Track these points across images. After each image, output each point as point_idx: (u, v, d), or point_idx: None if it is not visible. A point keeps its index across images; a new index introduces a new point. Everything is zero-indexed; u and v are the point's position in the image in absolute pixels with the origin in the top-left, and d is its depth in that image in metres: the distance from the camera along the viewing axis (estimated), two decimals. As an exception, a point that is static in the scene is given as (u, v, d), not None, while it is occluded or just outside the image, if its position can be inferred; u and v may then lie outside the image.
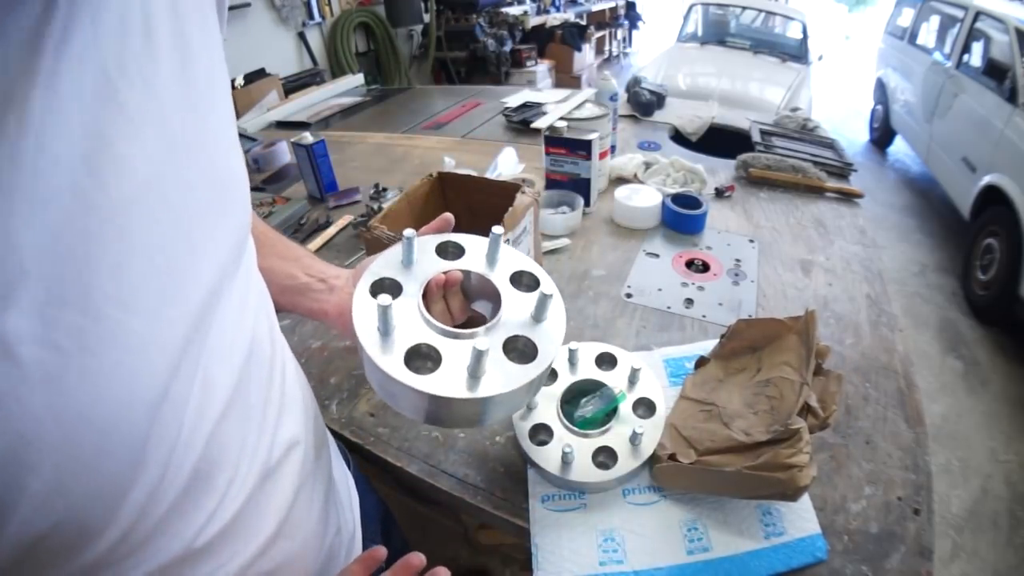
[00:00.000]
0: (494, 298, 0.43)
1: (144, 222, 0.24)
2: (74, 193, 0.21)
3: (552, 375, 0.62)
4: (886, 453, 0.60)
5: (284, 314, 0.47)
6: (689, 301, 0.85)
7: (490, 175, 1.19)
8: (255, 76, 2.58)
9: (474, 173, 0.95)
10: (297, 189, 1.29)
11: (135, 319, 0.23)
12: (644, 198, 1.04)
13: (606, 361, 0.65)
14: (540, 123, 1.40)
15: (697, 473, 0.52)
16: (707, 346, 0.70)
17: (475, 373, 0.36)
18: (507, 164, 1.24)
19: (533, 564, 0.51)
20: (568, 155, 1.02)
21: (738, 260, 0.94)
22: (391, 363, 0.36)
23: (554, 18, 4.92)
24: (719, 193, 1.14)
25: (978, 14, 2.86)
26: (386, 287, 0.41)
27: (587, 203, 1.05)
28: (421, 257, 0.44)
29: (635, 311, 0.83)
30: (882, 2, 8.20)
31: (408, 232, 0.42)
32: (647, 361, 0.70)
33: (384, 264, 0.43)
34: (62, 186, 0.21)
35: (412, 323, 0.39)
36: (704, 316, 0.81)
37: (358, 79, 2.27)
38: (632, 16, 7.09)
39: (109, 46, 0.22)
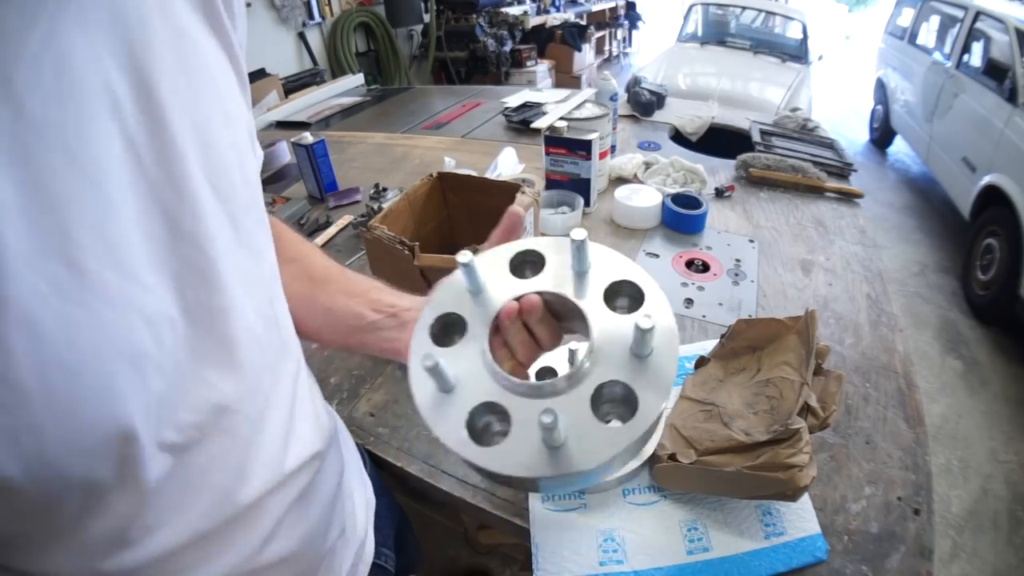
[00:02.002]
0: (583, 325, 0.32)
1: (122, 186, 0.25)
2: (56, 152, 0.22)
3: (551, 373, 0.60)
4: (886, 453, 0.60)
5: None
6: (689, 301, 0.85)
7: (490, 175, 1.19)
8: (255, 76, 2.58)
9: (474, 173, 0.95)
10: (297, 189, 1.29)
11: (117, 277, 0.24)
12: (644, 198, 1.04)
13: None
14: (540, 123, 1.40)
15: (697, 473, 0.52)
16: (707, 346, 0.70)
17: (551, 443, 0.28)
18: (507, 164, 1.24)
19: (533, 564, 0.51)
20: (568, 155, 1.02)
21: (738, 260, 0.94)
22: (448, 432, 0.29)
23: (554, 18, 4.92)
24: (719, 193, 1.14)
25: (978, 14, 2.86)
26: (451, 325, 0.34)
27: (587, 203, 1.05)
28: (491, 277, 0.34)
29: (635, 311, 0.83)
30: (882, 2, 8.20)
31: (463, 256, 0.32)
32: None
33: (445, 296, 0.34)
34: (44, 146, 0.22)
35: (478, 375, 0.31)
36: (704, 316, 0.81)
37: (358, 79, 2.27)
38: (632, 16, 7.08)
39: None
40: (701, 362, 0.67)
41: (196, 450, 0.29)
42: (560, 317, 0.36)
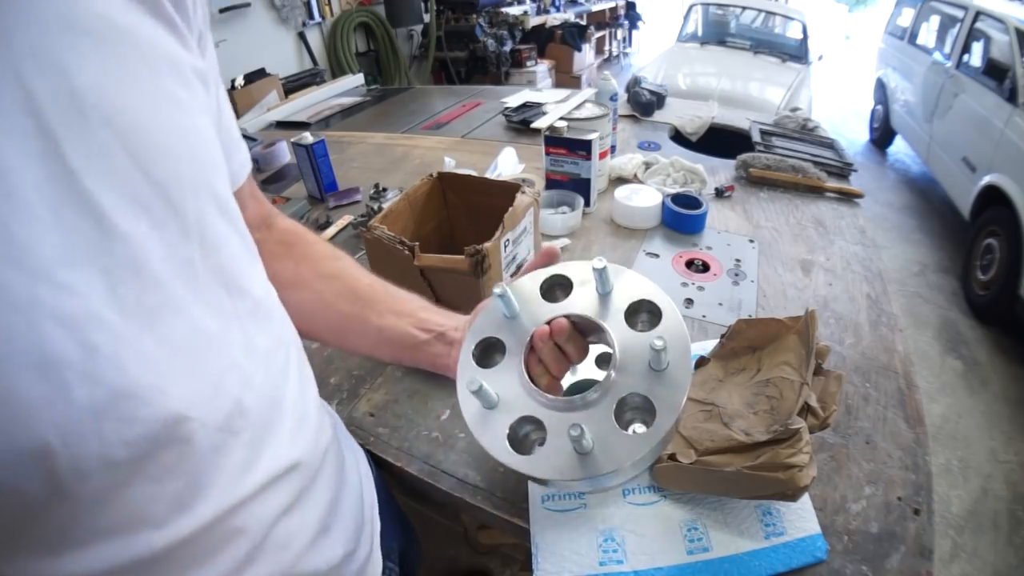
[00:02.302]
0: (608, 341, 0.38)
1: (33, 182, 0.23)
2: None
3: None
4: (886, 453, 0.60)
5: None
6: (689, 301, 0.85)
7: (490, 175, 1.19)
8: (255, 76, 2.58)
9: (474, 173, 0.95)
10: (297, 189, 1.29)
11: (24, 278, 0.22)
12: (644, 198, 1.04)
13: (606, 361, 0.65)
14: (540, 123, 1.40)
15: (697, 473, 0.52)
16: (707, 346, 0.70)
17: (581, 450, 0.32)
18: (507, 164, 1.24)
19: (533, 564, 0.51)
20: (568, 155, 1.02)
21: (738, 260, 0.94)
22: (493, 443, 0.34)
23: (554, 18, 4.92)
24: (719, 193, 1.14)
25: (978, 14, 2.87)
26: (491, 347, 0.38)
27: (587, 203, 1.05)
28: (526, 303, 0.39)
29: (635, 311, 0.83)
30: (882, 2, 8.20)
31: (498, 288, 0.37)
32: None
33: (484, 321, 0.39)
34: None
35: (517, 392, 0.36)
36: (704, 316, 0.81)
37: (358, 79, 2.27)
38: (632, 16, 7.08)
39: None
40: (701, 362, 0.67)
41: (146, 462, 0.27)
42: (587, 333, 0.40)
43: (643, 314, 0.38)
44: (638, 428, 0.34)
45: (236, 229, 0.35)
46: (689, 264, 0.93)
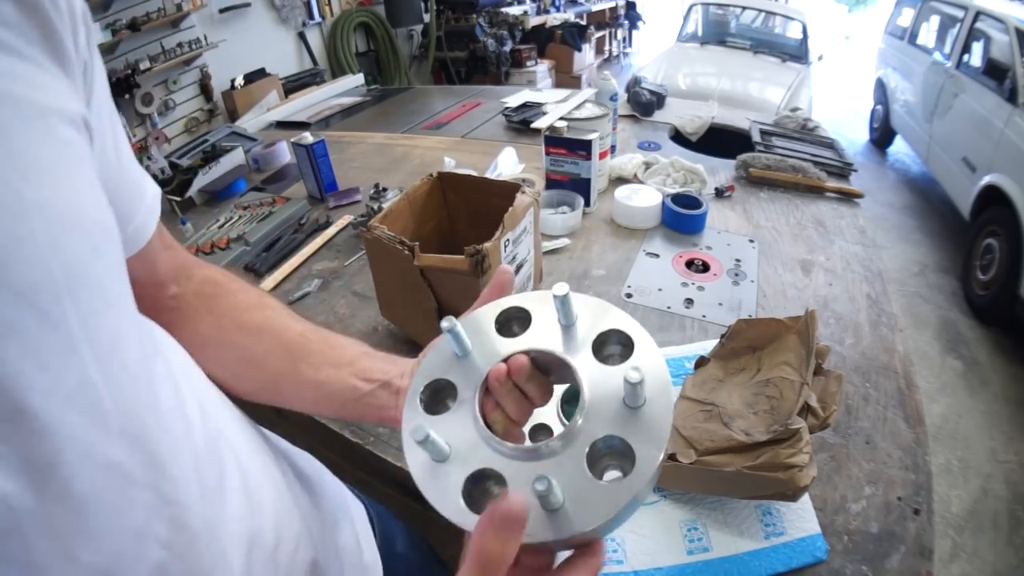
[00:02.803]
0: (574, 378, 0.32)
1: None
2: None
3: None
4: (886, 453, 0.60)
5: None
6: (689, 301, 0.85)
7: (490, 175, 1.19)
8: (255, 76, 2.59)
9: (474, 173, 0.95)
10: (297, 189, 1.29)
11: None
12: (644, 198, 1.04)
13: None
14: (540, 123, 1.40)
15: (697, 473, 0.52)
16: (707, 346, 0.70)
17: (549, 507, 0.27)
18: (507, 164, 1.24)
19: (533, 564, 0.51)
20: (568, 155, 1.02)
21: (738, 260, 0.94)
22: (446, 503, 0.28)
23: (554, 18, 4.92)
24: (719, 193, 1.14)
25: (978, 14, 2.87)
26: (440, 391, 0.33)
27: (587, 203, 1.05)
28: (478, 339, 0.34)
29: (635, 311, 0.83)
30: (882, 2, 8.20)
31: (446, 322, 0.32)
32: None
33: (433, 361, 0.34)
34: None
35: (472, 441, 0.30)
36: (704, 316, 0.81)
37: (358, 79, 2.27)
38: (632, 16, 7.08)
39: None
40: (701, 362, 0.67)
41: None
42: (550, 371, 0.35)
43: (614, 347, 0.33)
44: (614, 474, 0.29)
45: (134, 320, 0.29)
46: (689, 264, 0.93)
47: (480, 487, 0.29)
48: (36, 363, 0.21)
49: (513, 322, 0.35)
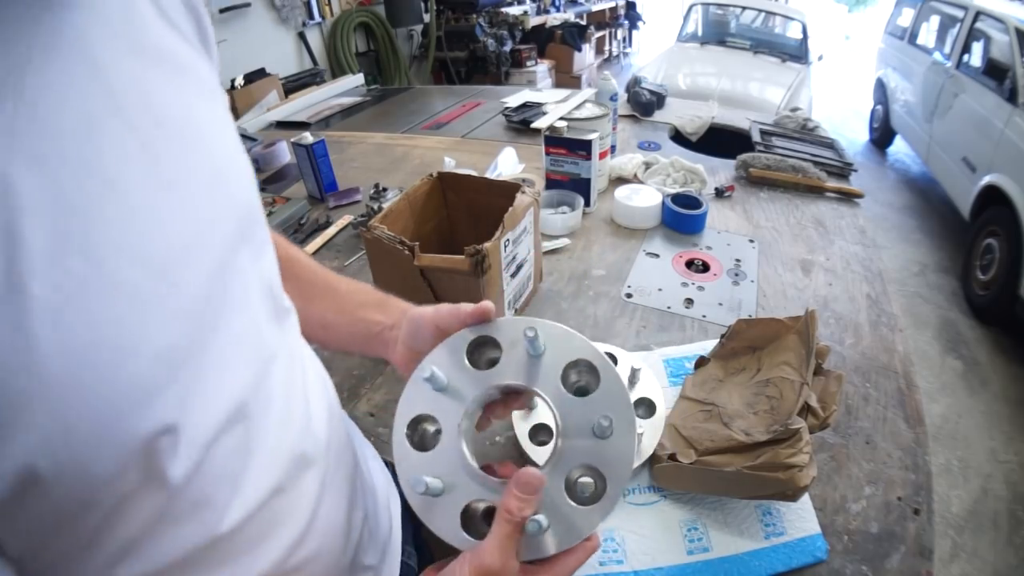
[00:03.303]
0: (550, 408, 0.35)
1: (141, 190, 0.25)
2: (71, 156, 0.23)
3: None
4: (886, 453, 0.60)
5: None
6: (689, 301, 0.85)
7: (490, 175, 1.19)
8: (255, 76, 2.58)
9: (474, 173, 0.95)
10: (297, 189, 1.29)
11: (144, 275, 0.25)
12: (644, 198, 1.04)
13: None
14: (540, 123, 1.40)
15: (697, 473, 0.52)
16: (707, 346, 0.70)
17: (536, 533, 0.31)
18: (507, 164, 1.24)
19: (533, 564, 0.51)
20: (568, 155, 1.02)
21: (738, 260, 0.94)
22: (447, 531, 0.33)
23: (554, 18, 4.92)
24: (719, 193, 1.14)
25: (978, 14, 2.87)
26: (421, 423, 0.36)
27: (587, 203, 1.05)
28: (453, 374, 0.36)
29: (635, 311, 0.83)
30: (882, 2, 8.20)
31: (425, 372, 0.35)
32: (647, 361, 0.70)
33: (413, 395, 0.37)
34: (59, 150, 0.23)
35: (461, 476, 0.34)
36: (704, 316, 0.81)
37: (358, 79, 2.27)
38: (632, 16, 7.08)
39: (102, 29, 0.25)
40: (701, 362, 0.67)
41: (216, 445, 0.29)
42: (518, 397, 0.39)
43: (580, 374, 0.36)
44: (586, 481, 0.33)
45: (269, 237, 0.37)
46: (689, 264, 0.93)
47: (473, 514, 0.33)
48: (246, 249, 0.32)
49: (485, 349, 0.38)
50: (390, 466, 0.63)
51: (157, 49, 0.28)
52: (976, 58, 2.84)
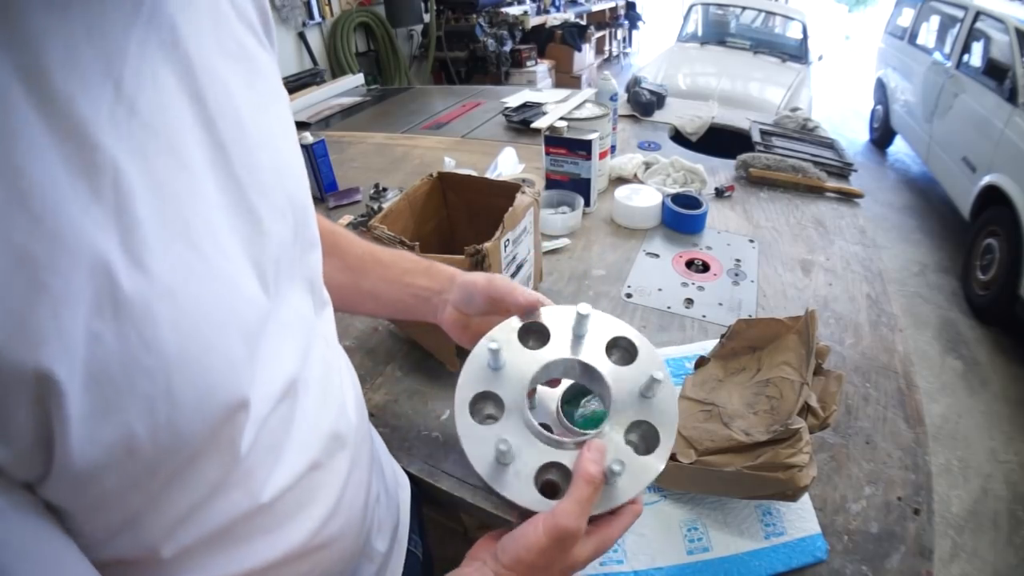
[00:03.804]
0: (600, 382, 0.39)
1: (213, 187, 0.27)
2: (162, 151, 0.25)
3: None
4: (886, 453, 0.60)
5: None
6: (689, 301, 0.85)
7: (490, 175, 1.19)
8: (255, 76, 2.58)
9: (474, 173, 0.95)
10: (297, 189, 1.29)
11: (225, 260, 0.27)
12: (644, 198, 1.04)
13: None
14: (540, 123, 1.40)
15: (697, 473, 0.52)
16: (707, 346, 0.70)
17: (610, 482, 0.34)
18: (507, 164, 1.24)
19: (533, 564, 0.51)
20: (568, 155, 1.02)
21: (738, 260, 0.94)
22: (523, 495, 0.34)
23: (554, 18, 4.92)
24: (719, 193, 1.14)
25: (978, 14, 2.86)
26: (481, 401, 0.38)
27: (587, 203, 1.05)
28: (507, 355, 0.39)
29: (635, 311, 0.83)
30: (882, 2, 8.20)
31: (492, 344, 0.37)
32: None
33: (472, 373, 0.38)
34: (155, 146, 0.24)
35: (530, 441, 0.36)
36: (704, 316, 0.81)
37: (358, 79, 2.27)
38: (632, 16, 7.08)
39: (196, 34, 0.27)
40: (701, 362, 0.67)
41: (271, 417, 0.31)
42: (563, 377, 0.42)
43: (618, 349, 0.41)
44: (643, 440, 0.36)
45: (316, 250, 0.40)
46: (689, 264, 0.93)
47: (546, 478, 0.35)
48: (292, 242, 0.34)
49: (531, 334, 0.41)
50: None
51: (238, 47, 0.30)
52: (976, 58, 2.84)
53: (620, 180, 1.20)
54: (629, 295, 0.86)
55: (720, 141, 1.50)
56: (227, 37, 0.29)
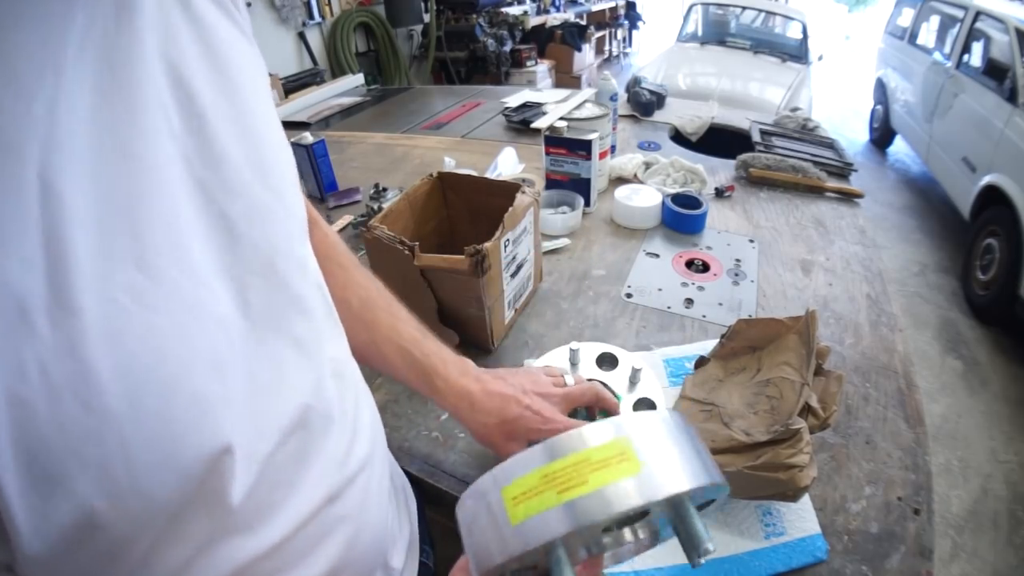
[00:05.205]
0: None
1: (178, 187, 0.23)
2: (115, 151, 0.21)
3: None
4: (886, 453, 0.60)
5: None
6: (689, 301, 0.85)
7: (490, 175, 1.19)
8: (255, 76, 2.58)
9: (474, 173, 0.95)
10: (297, 189, 1.29)
11: (188, 280, 0.23)
12: (644, 198, 1.04)
13: (607, 361, 0.65)
14: (540, 123, 1.40)
15: (697, 473, 0.52)
16: (707, 346, 0.70)
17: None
18: (507, 164, 1.24)
19: (533, 564, 0.51)
20: (568, 155, 1.02)
21: (738, 260, 0.94)
22: None
23: (554, 18, 4.92)
24: (719, 193, 1.14)
25: (978, 14, 2.86)
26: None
27: (587, 203, 1.05)
28: None
29: (635, 311, 0.83)
30: (882, 2, 8.20)
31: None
32: (647, 361, 0.70)
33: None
34: (102, 145, 0.20)
35: None
36: (704, 316, 0.81)
37: (358, 79, 2.27)
38: (632, 16, 7.08)
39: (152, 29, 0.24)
40: (701, 362, 0.67)
41: (278, 454, 0.27)
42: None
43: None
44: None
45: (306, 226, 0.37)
46: (689, 264, 0.93)
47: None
48: (271, 224, 0.29)
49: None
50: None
51: (189, 20, 0.26)
52: (976, 58, 2.84)
53: (620, 180, 1.20)
54: (629, 295, 0.86)
55: (720, 141, 1.50)
56: (209, 27, 0.26)
